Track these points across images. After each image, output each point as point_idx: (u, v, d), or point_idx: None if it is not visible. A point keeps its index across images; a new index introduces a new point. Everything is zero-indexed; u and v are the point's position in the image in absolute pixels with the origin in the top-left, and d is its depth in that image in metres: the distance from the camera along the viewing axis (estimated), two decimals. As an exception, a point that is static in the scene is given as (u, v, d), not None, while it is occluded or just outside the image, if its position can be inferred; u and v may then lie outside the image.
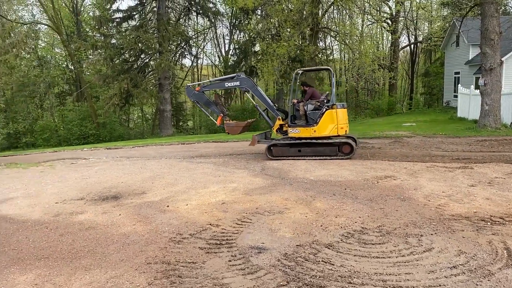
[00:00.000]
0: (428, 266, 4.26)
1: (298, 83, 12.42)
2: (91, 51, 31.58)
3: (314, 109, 11.19)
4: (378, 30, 41.16)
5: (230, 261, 4.59)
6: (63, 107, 35.55)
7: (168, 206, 6.97)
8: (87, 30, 35.87)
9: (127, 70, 28.99)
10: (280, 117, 11.65)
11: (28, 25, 34.44)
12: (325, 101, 11.20)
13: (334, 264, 4.39)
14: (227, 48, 40.85)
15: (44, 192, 8.61)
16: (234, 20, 36.96)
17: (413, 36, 39.27)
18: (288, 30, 23.19)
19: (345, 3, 22.50)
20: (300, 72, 12.31)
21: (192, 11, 33.54)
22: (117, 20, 29.95)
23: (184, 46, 34.33)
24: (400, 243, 4.92)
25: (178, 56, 34.80)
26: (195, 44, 38.24)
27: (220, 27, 40.26)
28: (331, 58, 37.66)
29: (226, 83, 12.13)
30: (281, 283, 4.00)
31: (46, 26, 36.91)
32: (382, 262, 4.42)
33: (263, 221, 5.94)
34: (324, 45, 36.17)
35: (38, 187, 9.18)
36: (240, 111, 32.49)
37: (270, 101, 11.87)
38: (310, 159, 10.92)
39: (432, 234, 5.15)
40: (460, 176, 8.30)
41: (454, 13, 23.88)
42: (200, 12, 33.21)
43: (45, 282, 4.32)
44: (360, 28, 32.05)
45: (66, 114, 33.65)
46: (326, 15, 25.22)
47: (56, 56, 38.61)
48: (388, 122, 23.38)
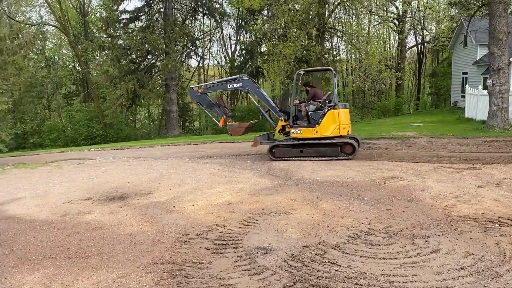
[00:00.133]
0: (435, 268, 4.23)
1: (300, 83, 12.42)
2: (98, 52, 31.77)
3: (316, 109, 11.17)
4: (385, 30, 41.00)
5: (236, 261, 4.59)
6: (70, 108, 35.77)
7: (174, 207, 6.99)
8: (94, 31, 36.07)
9: (133, 71, 29.12)
10: (282, 118, 11.66)
11: (36, 26, 34.77)
12: (327, 101, 11.20)
13: (340, 265, 4.38)
14: (233, 49, 40.92)
15: (52, 192, 8.66)
16: (240, 21, 36.99)
17: (420, 36, 39.09)
18: (295, 30, 23.15)
19: (351, 3, 22.43)
20: (302, 72, 12.32)
21: (199, 12, 33.63)
22: (124, 21, 30.11)
23: (191, 47, 34.44)
24: (407, 244, 4.90)
25: (184, 57, 34.91)
26: (201, 44, 38.37)
27: (226, 27, 40.32)
28: (337, 58, 37.57)
29: (228, 85, 12.18)
30: (287, 284, 3.99)
31: (53, 27, 37.21)
32: (389, 263, 4.40)
33: (269, 221, 5.94)
34: (330, 45, 36.09)
35: (45, 187, 9.24)
36: (246, 111, 32.50)
37: (272, 102, 11.90)
38: (316, 160, 10.90)
39: (439, 235, 5.12)
40: (467, 177, 8.24)
41: (462, 13, 23.69)
42: (207, 12, 33.29)
43: (52, 282, 4.35)
44: (366, 28, 31.94)
45: (73, 115, 33.86)
46: (332, 15, 25.15)
47: (64, 57, 38.85)
48: (395, 122, 23.27)
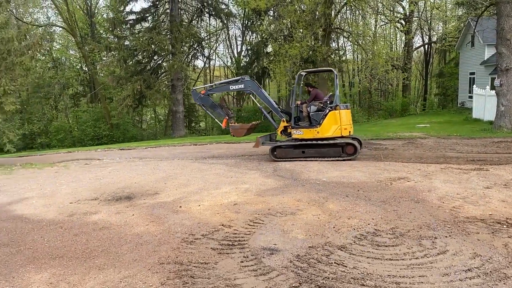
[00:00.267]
0: (442, 269, 4.21)
1: (302, 84, 12.41)
2: (105, 52, 31.92)
3: (317, 110, 11.19)
4: (392, 31, 40.81)
5: (242, 262, 4.59)
6: (77, 108, 35.93)
7: (180, 207, 7.00)
8: (101, 32, 36.23)
9: (140, 72, 29.22)
10: (284, 119, 11.69)
11: (43, 27, 34.95)
12: (328, 102, 11.21)
13: (347, 266, 4.36)
14: (239, 49, 40.92)
15: (59, 192, 8.72)
16: (247, 21, 36.99)
17: (427, 37, 38.87)
18: (301, 31, 23.13)
19: (358, 3, 22.37)
20: (303, 73, 12.35)
21: (205, 13, 33.66)
22: (130, 22, 30.21)
23: (197, 48, 34.50)
24: (413, 245, 4.87)
25: (190, 58, 34.98)
26: (207, 45, 38.41)
27: (232, 28, 40.32)
28: (344, 59, 37.47)
29: (231, 86, 12.28)
30: (293, 285, 3.98)
31: (60, 28, 37.42)
32: (395, 264, 4.38)
33: (275, 222, 5.93)
34: (337, 45, 35.99)
35: (52, 187, 9.30)
36: (252, 112, 32.47)
37: (274, 103, 11.96)
38: (322, 161, 10.89)
39: (446, 237, 5.09)
40: (475, 178, 8.19)
41: (469, 12, 23.52)
42: (213, 13, 33.33)
43: (59, 281, 4.37)
44: (373, 29, 31.80)
45: (80, 115, 34.02)
46: (339, 15, 25.08)
47: (71, 58, 39.06)
48: (402, 123, 23.17)
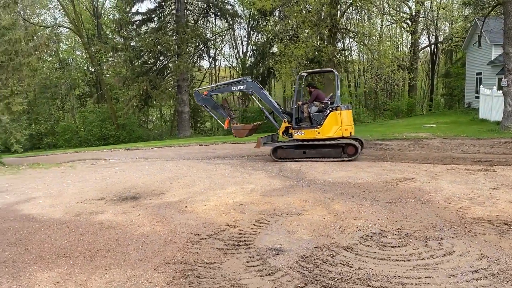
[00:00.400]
0: (449, 270, 4.19)
1: (303, 85, 12.46)
2: (111, 53, 32.09)
3: (318, 111, 11.22)
4: (398, 31, 40.66)
5: (247, 262, 4.60)
6: (83, 109, 36.16)
7: (186, 207, 7.02)
8: (107, 32, 36.41)
9: (146, 72, 29.33)
10: (286, 119, 11.71)
11: (50, 28, 35.16)
12: (329, 102, 11.22)
13: (352, 267, 4.35)
14: (244, 50, 40.98)
15: (65, 192, 8.77)
16: (252, 22, 37.01)
17: (433, 37, 38.69)
18: (306, 31, 23.10)
19: (364, 3, 22.31)
20: (304, 74, 12.39)
21: (210, 13, 33.74)
22: (136, 22, 30.34)
23: (202, 48, 34.57)
24: (420, 246, 4.85)
25: (196, 58, 35.07)
26: (213, 46, 38.47)
27: (238, 28, 40.37)
28: (349, 59, 37.38)
29: (233, 87, 12.33)
30: (298, 285, 3.98)
31: (67, 29, 37.67)
32: (401, 265, 4.36)
33: (281, 222, 5.93)
34: (342, 46, 35.91)
35: (59, 187, 9.36)
36: (258, 112, 32.45)
37: (276, 104, 12.00)
38: (327, 161, 10.88)
39: (453, 238, 5.06)
40: (482, 178, 8.14)
41: (476, 12, 23.37)
42: (218, 14, 33.40)
43: (66, 280, 4.40)
44: (379, 29, 31.70)
45: (86, 116, 34.23)
46: (344, 15, 25.05)
47: (77, 59, 39.29)
48: (408, 123, 23.08)
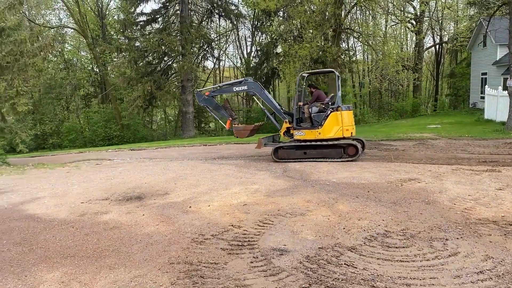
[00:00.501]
0: (453, 271, 4.17)
1: (304, 85, 12.50)
2: (116, 54, 32.18)
3: (319, 111, 11.24)
4: (402, 31, 40.53)
5: (252, 262, 4.60)
6: (88, 109, 36.29)
7: (190, 207, 7.03)
8: (112, 33, 36.52)
9: (150, 73, 29.40)
10: (287, 120, 11.73)
11: (55, 28, 35.34)
12: (329, 103, 11.22)
13: (357, 267, 4.34)
14: (249, 50, 40.97)
15: (70, 192, 8.80)
16: (256, 22, 37.02)
17: (438, 37, 38.54)
18: (311, 31, 23.10)
19: (368, 3, 22.27)
20: (305, 75, 12.40)
21: (215, 14, 33.77)
22: (141, 23, 30.42)
23: (207, 48, 34.61)
24: (424, 247, 4.83)
25: (200, 58, 35.10)
26: (217, 46, 38.51)
27: (242, 29, 40.37)
28: (354, 59, 37.31)
29: (234, 88, 12.42)
30: (303, 285, 3.97)
31: (72, 30, 37.79)
32: (406, 266, 4.35)
33: (285, 223, 5.93)
34: (347, 46, 35.83)
35: (64, 187, 9.39)
36: (262, 112, 32.38)
37: (277, 104, 12.05)
38: (332, 161, 10.87)
39: (458, 238, 5.04)
40: (487, 179, 8.10)
41: (481, 12, 23.27)
42: (222, 14, 33.42)
43: (71, 280, 4.41)
44: (383, 29, 31.64)
45: (91, 116, 34.35)
46: (349, 16, 25.00)
47: (82, 59, 39.46)
48: (412, 124, 23.01)
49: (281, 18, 30.03)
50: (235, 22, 35.70)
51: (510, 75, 15.82)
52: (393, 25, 34.99)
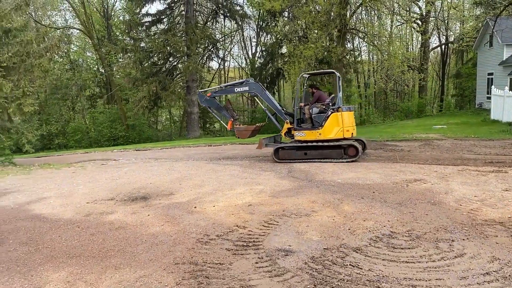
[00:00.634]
0: (459, 272, 4.15)
1: (305, 86, 12.53)
2: (121, 54, 32.31)
3: (320, 112, 11.25)
4: (408, 31, 40.37)
5: (257, 263, 4.60)
6: (94, 110, 36.44)
7: (195, 207, 7.04)
8: (117, 34, 36.69)
9: (155, 73, 29.49)
10: (288, 120, 11.77)
11: (61, 29, 35.53)
12: (330, 104, 11.23)
13: (362, 268, 4.33)
14: (254, 51, 41.04)
15: (76, 192, 8.84)
16: (261, 23, 37.05)
17: (444, 37, 38.40)
18: (316, 31, 23.07)
19: (373, 3, 22.23)
20: (306, 76, 12.40)
21: (220, 14, 33.82)
22: (146, 24, 30.53)
23: (212, 49, 34.69)
24: (430, 248, 4.81)
25: (205, 59, 35.19)
26: (222, 46, 38.57)
27: (247, 29, 40.59)
28: (359, 59, 37.24)
29: (236, 88, 12.47)
30: (308, 286, 3.97)
31: (78, 31, 38.00)
32: (411, 267, 4.33)
33: (290, 223, 5.92)
34: (352, 46, 35.79)
35: (70, 187, 9.44)
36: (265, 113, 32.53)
37: (278, 105, 12.08)
38: (337, 162, 10.86)
39: (464, 239, 5.01)
40: (493, 180, 8.05)
41: (488, 12, 23.15)
42: (228, 15, 33.46)
43: (76, 280, 4.43)
44: (389, 29, 31.50)
45: (96, 116, 34.50)
46: (354, 16, 24.95)
47: (88, 60, 39.67)
48: (418, 124, 22.91)
49: (286, 19, 30.04)
50: (240, 23, 35.75)
51: (517, 75, 15.73)
52: (398, 25, 34.87)
